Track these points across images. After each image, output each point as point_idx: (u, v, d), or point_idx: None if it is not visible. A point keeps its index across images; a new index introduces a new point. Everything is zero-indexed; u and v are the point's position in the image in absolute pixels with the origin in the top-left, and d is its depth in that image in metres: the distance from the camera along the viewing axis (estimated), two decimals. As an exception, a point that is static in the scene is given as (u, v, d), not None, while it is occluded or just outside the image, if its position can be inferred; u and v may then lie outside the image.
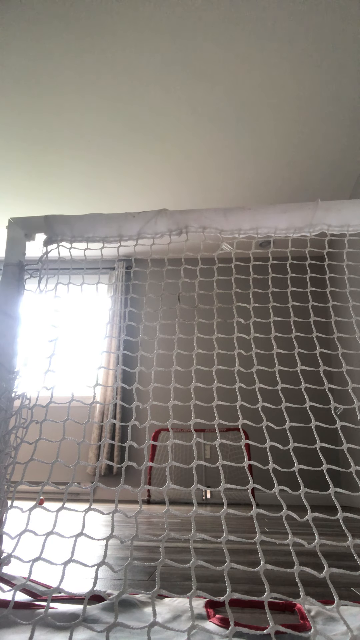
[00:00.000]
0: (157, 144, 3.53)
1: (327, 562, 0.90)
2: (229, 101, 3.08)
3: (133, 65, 2.82)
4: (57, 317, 0.99)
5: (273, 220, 1.04)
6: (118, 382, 0.89)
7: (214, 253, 1.08)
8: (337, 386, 2.21)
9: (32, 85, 2.99)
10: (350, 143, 3.45)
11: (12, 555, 0.67)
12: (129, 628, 0.52)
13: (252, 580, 0.93)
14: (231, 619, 0.50)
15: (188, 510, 3.04)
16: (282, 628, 0.51)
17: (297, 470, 0.72)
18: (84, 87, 3.00)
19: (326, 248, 1.25)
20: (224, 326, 4.83)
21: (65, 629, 0.58)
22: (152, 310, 1.03)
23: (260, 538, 0.63)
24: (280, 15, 2.47)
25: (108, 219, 1.06)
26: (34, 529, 1.80)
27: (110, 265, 5.36)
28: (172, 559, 1.14)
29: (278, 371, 3.11)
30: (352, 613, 0.68)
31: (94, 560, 1.12)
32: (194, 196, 4.22)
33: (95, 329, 4.79)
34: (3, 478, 0.81)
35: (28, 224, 1.09)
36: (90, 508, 0.71)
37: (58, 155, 3.68)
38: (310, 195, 4.11)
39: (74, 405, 4.82)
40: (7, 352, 0.97)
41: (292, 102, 3.07)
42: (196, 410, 4.70)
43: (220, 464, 0.73)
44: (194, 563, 0.59)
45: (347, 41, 2.61)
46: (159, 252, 5.22)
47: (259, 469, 4.39)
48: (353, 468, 0.70)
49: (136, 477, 4.57)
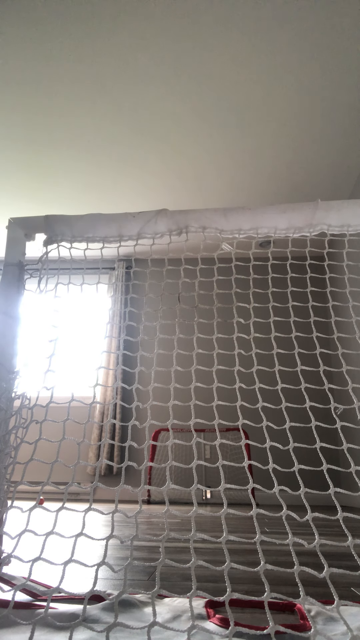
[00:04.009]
0: (157, 144, 3.53)
1: (327, 562, 0.90)
2: (229, 101, 3.08)
3: (133, 66, 2.82)
4: (57, 317, 0.99)
5: (273, 220, 1.04)
6: (118, 382, 0.89)
7: (214, 253, 1.08)
8: (337, 386, 2.21)
9: (32, 86, 2.99)
10: (350, 143, 3.45)
11: (12, 555, 0.67)
12: (129, 628, 0.52)
13: (252, 580, 0.93)
14: (231, 619, 0.50)
15: (188, 510, 3.03)
16: (282, 628, 0.51)
17: (297, 470, 0.72)
18: (84, 87, 3.00)
19: (326, 248, 1.25)
20: (224, 326, 4.83)
21: (65, 629, 0.58)
22: (152, 310, 1.03)
23: (260, 538, 0.63)
24: (280, 16, 2.47)
25: (108, 219, 1.06)
26: (34, 529, 1.80)
27: (110, 265, 5.36)
28: (172, 559, 1.14)
29: (278, 371, 3.11)
30: (352, 613, 0.68)
31: (94, 560, 1.12)
32: (194, 196, 4.22)
33: (95, 329, 4.79)
34: (3, 478, 0.81)
35: (28, 224, 1.09)
36: (90, 508, 0.71)
37: (58, 155, 3.68)
38: (310, 195, 4.11)
39: (74, 405, 4.82)
40: (7, 352, 0.97)
41: (292, 102, 3.07)
42: (196, 410, 4.70)
43: (220, 464, 0.73)
44: (194, 563, 0.59)
45: (347, 41, 2.61)
46: (159, 252, 5.22)
47: (259, 469, 4.39)
48: (353, 468, 0.70)
49: (136, 477, 4.57)
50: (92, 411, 4.75)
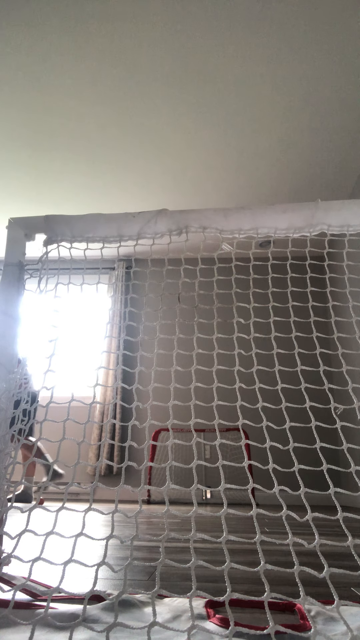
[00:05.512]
0: (157, 144, 3.53)
1: (327, 562, 0.90)
2: (229, 101, 3.08)
3: (133, 66, 2.82)
4: (57, 317, 0.99)
5: (273, 220, 1.04)
6: (118, 382, 0.89)
7: (214, 253, 1.08)
8: (337, 386, 2.20)
9: (32, 86, 2.99)
10: (350, 143, 3.45)
11: (12, 555, 0.67)
12: (129, 628, 0.52)
13: (252, 580, 0.93)
14: (231, 619, 0.50)
15: (188, 510, 3.03)
16: (282, 628, 0.51)
17: (297, 470, 0.72)
18: (84, 87, 3.00)
19: (326, 248, 1.25)
20: (224, 326, 4.83)
21: (65, 629, 0.58)
22: (152, 310, 1.03)
23: (260, 538, 0.63)
24: (281, 16, 2.47)
25: (108, 219, 1.06)
26: (34, 529, 1.80)
27: (110, 265, 5.36)
28: (172, 559, 1.14)
29: (278, 371, 3.11)
30: (352, 613, 0.68)
31: (94, 560, 1.12)
32: (194, 196, 4.22)
33: (95, 329, 4.79)
34: (3, 478, 0.81)
35: (28, 224, 1.08)
36: (90, 508, 0.70)
37: (58, 155, 3.68)
38: (310, 195, 4.11)
39: (74, 405, 4.82)
40: (7, 352, 0.97)
41: (292, 102, 3.07)
42: (196, 410, 4.70)
43: (220, 464, 0.73)
44: (194, 563, 0.59)
45: (347, 40, 2.61)
46: (159, 252, 5.22)
47: (259, 469, 4.39)
48: (353, 468, 0.70)
49: (136, 477, 4.57)
50: (92, 411, 4.75)
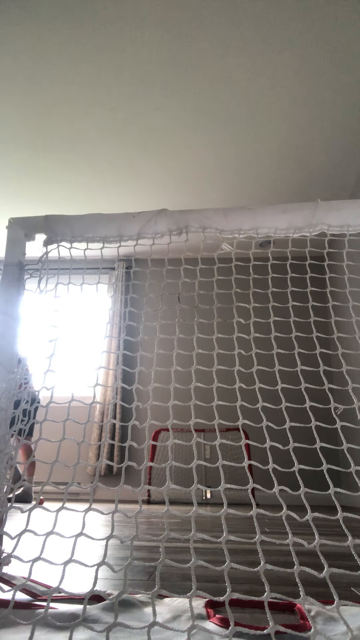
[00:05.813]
0: (157, 144, 3.53)
1: (327, 562, 0.90)
2: (229, 101, 3.08)
3: (133, 66, 2.82)
4: (57, 317, 0.99)
5: (273, 220, 1.04)
6: (118, 382, 0.89)
7: (214, 253, 1.08)
8: (337, 386, 2.20)
9: (32, 87, 2.99)
10: (350, 143, 3.45)
11: (12, 555, 0.67)
12: (129, 628, 0.52)
13: (252, 580, 0.93)
14: (231, 619, 0.50)
15: (188, 510, 3.03)
16: (282, 628, 0.51)
17: (297, 470, 0.72)
18: (84, 87, 3.00)
19: (326, 248, 1.25)
20: (224, 326, 4.83)
21: (65, 629, 0.58)
22: (152, 310, 1.03)
23: (260, 538, 0.63)
24: (281, 16, 2.47)
25: (108, 219, 1.06)
26: (34, 529, 1.80)
27: (110, 265, 5.36)
28: (172, 559, 1.13)
29: (278, 371, 3.11)
30: (352, 613, 0.68)
31: (94, 560, 1.12)
32: (193, 196, 4.22)
33: (95, 329, 4.79)
34: (3, 478, 0.81)
35: (28, 224, 1.08)
36: (90, 508, 0.70)
37: (58, 156, 3.68)
38: (310, 195, 4.11)
39: (74, 405, 4.82)
40: (7, 352, 0.97)
41: (292, 102, 3.07)
42: (196, 410, 4.70)
43: (220, 464, 0.73)
44: (194, 563, 0.59)
45: (348, 41, 2.61)
46: (159, 252, 5.22)
47: (259, 469, 4.39)
48: (353, 468, 0.70)
49: (136, 477, 4.57)
50: (92, 411, 4.75)
